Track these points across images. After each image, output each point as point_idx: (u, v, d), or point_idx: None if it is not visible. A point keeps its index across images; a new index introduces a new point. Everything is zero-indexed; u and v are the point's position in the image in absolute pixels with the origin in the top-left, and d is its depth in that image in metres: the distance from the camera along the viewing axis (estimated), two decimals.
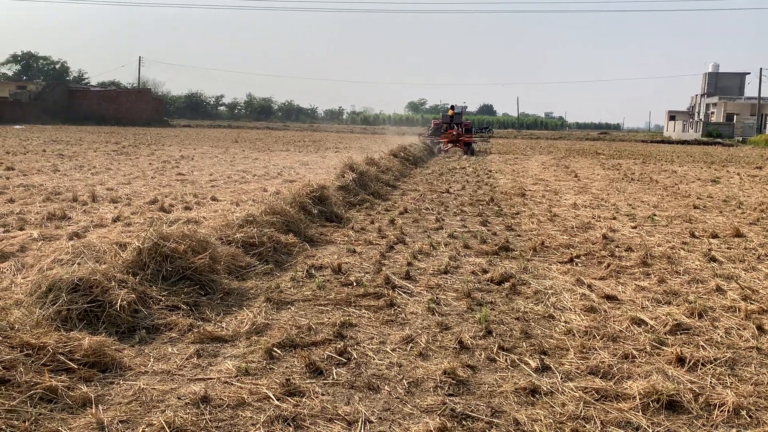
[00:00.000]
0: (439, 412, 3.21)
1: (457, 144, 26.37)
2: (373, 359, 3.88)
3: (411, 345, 4.12)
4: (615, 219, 9.45)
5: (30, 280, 4.74)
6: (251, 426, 3.04)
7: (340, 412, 3.19)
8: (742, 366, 3.91)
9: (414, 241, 7.34)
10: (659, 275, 5.90)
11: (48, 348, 3.52)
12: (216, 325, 4.35)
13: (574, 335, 4.34)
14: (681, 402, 3.36)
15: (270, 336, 4.16)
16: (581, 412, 3.24)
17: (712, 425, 3.18)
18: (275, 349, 3.92)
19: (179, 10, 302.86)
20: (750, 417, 3.24)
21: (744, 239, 7.98)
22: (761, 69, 56.82)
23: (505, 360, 3.90)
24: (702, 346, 4.17)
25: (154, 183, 12.40)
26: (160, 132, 41.49)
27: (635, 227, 8.72)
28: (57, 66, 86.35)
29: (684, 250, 7.20)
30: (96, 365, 3.57)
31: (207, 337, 4.11)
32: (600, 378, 3.65)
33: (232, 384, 3.47)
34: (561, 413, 3.23)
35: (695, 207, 10.97)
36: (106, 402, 3.23)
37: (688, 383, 3.59)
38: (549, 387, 3.52)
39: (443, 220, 9.03)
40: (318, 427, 3.05)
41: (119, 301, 4.25)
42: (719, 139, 51.08)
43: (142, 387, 3.39)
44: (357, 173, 11.22)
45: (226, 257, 5.65)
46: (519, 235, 7.99)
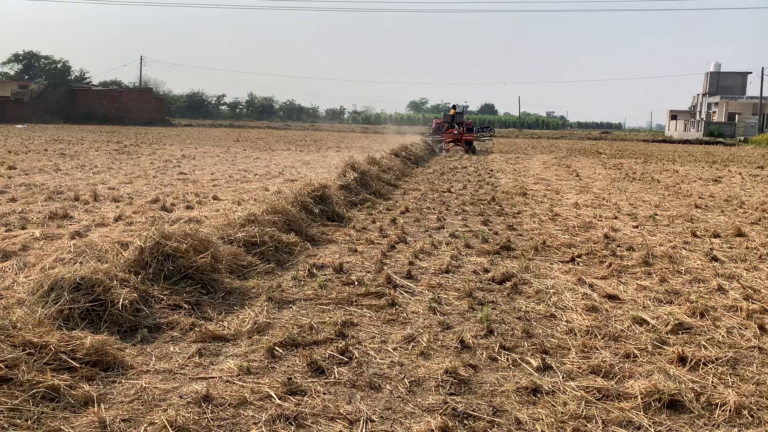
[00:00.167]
0: (441, 411, 3.21)
1: (459, 143, 26.40)
2: (375, 358, 3.88)
3: (412, 344, 4.12)
4: (616, 218, 9.44)
5: (32, 279, 4.75)
6: (253, 425, 3.05)
7: (341, 411, 3.19)
8: (743, 365, 3.91)
9: (415, 241, 7.34)
10: (661, 275, 5.90)
11: (50, 347, 3.53)
12: (218, 324, 4.36)
13: (575, 335, 4.35)
14: (682, 401, 3.37)
15: (272, 335, 4.17)
16: (583, 411, 3.24)
17: (713, 425, 3.18)
18: (277, 348, 3.93)
19: (181, 9, 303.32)
20: (751, 416, 3.24)
21: (745, 239, 7.97)
22: (763, 68, 56.82)
23: (507, 359, 3.90)
24: (703, 345, 4.17)
25: (155, 182, 12.41)
26: (161, 131, 41.51)
27: (637, 227, 8.72)
28: (59, 65, 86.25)
29: (685, 249, 7.20)
30: (98, 364, 3.58)
31: (209, 336, 4.12)
32: (601, 377, 3.65)
33: (233, 383, 3.47)
34: (562, 412, 3.23)
35: (697, 206, 10.97)
36: (107, 401, 3.23)
37: (689, 383, 3.59)
38: (550, 386, 3.52)
39: (445, 219, 9.03)
40: (320, 426, 3.06)
41: (121, 300, 4.26)
42: (721, 139, 51.04)
43: (143, 386, 3.39)
44: (358, 172, 11.22)
45: (227, 256, 5.66)
46: (520, 235, 7.99)
